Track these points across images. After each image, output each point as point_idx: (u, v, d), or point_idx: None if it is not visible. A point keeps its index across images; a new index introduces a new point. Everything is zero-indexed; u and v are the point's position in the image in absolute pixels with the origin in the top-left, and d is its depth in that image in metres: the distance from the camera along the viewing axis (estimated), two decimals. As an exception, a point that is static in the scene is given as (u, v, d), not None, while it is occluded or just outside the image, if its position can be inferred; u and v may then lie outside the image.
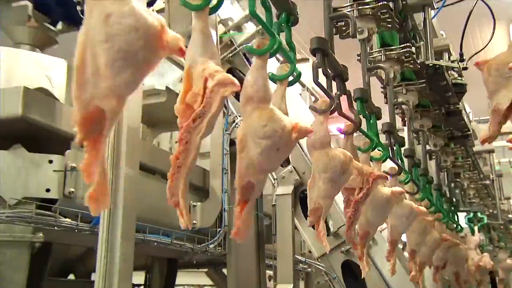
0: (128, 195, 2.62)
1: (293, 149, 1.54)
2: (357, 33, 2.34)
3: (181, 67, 4.06)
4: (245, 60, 3.95)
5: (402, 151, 2.72)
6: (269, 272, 4.72)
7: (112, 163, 2.61)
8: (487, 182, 5.15)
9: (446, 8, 3.41)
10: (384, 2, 2.32)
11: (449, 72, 3.17)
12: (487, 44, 3.32)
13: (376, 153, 2.29)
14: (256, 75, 1.45)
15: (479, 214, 4.85)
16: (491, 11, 3.18)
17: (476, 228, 4.66)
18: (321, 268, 3.91)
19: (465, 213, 4.75)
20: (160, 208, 3.42)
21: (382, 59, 2.79)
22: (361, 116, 2.10)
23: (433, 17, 3.07)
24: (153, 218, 3.38)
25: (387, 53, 2.78)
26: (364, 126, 2.15)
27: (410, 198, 2.66)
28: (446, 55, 3.33)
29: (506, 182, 6.13)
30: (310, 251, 4.35)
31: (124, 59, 1.02)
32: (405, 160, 2.81)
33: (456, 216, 4.00)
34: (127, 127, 2.70)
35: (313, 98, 6.24)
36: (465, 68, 3.25)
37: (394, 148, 2.51)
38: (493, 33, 3.25)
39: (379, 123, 2.37)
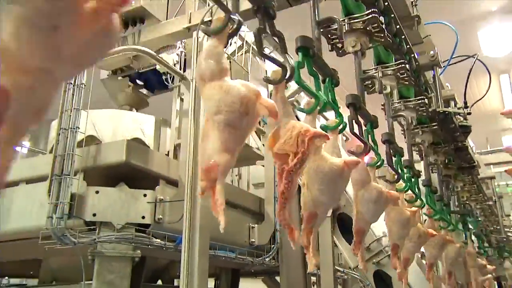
0: (203, 221, 2.65)
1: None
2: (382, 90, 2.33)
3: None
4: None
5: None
6: (313, 279, 4.64)
7: (191, 197, 2.67)
8: (490, 202, 4.96)
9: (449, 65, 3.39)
10: (402, 65, 2.32)
11: (456, 116, 3.11)
12: (485, 94, 3.26)
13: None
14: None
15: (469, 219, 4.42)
16: (487, 68, 3.13)
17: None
18: (357, 276, 3.82)
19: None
20: (227, 230, 3.44)
21: (402, 108, 2.76)
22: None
23: (440, 73, 3.04)
24: (222, 238, 3.41)
25: (406, 103, 2.76)
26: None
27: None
28: (452, 103, 3.28)
29: (505, 202, 5.94)
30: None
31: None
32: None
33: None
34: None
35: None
36: (469, 113, 3.19)
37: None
38: (489, 85, 3.20)
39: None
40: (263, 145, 4.20)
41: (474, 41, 7.58)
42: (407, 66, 2.38)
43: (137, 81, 4.19)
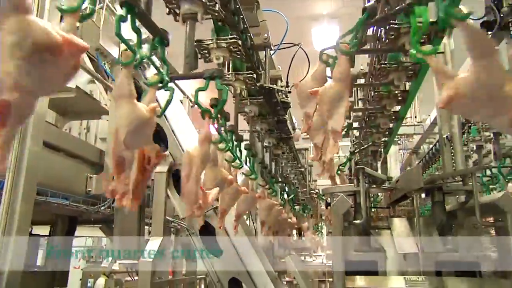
0: (31, 166, 2.36)
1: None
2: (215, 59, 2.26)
3: (88, 72, 3.78)
4: (140, 72, 3.76)
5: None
6: (148, 228, 4.57)
7: (19, 140, 2.34)
8: (302, 169, 5.44)
9: (283, 50, 3.54)
10: (235, 39, 2.28)
11: (279, 93, 3.26)
12: (303, 78, 3.48)
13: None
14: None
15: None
16: (308, 57, 3.35)
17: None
18: (184, 226, 3.85)
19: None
20: (61, 177, 3.14)
21: (233, 79, 2.76)
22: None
23: (272, 55, 3.14)
24: (57, 186, 3.10)
25: (237, 75, 2.75)
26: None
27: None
28: (279, 82, 3.45)
29: (314, 170, 6.56)
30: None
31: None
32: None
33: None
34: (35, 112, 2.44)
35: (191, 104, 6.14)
36: (289, 92, 3.38)
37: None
38: (307, 72, 3.41)
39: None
40: (110, 100, 3.92)
41: (309, 36, 8.14)
42: (239, 41, 2.37)
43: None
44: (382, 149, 4.36)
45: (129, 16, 1.30)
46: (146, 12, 1.47)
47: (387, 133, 3.78)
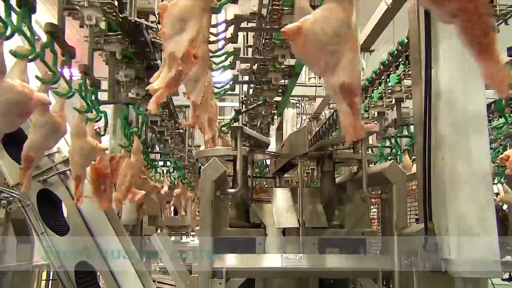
0: None
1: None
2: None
3: None
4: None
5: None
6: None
7: None
8: (181, 131, 5.33)
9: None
10: None
11: (149, 31, 3.07)
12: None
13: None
14: None
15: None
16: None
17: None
18: (16, 195, 3.53)
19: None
20: None
21: (86, 5, 2.52)
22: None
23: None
24: None
25: (91, 0, 2.52)
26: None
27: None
28: (152, 17, 3.24)
29: (198, 132, 6.45)
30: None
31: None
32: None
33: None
34: None
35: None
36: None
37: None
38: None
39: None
40: None
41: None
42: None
43: None
44: (275, 111, 4.44)
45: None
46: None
47: (280, 91, 3.82)
